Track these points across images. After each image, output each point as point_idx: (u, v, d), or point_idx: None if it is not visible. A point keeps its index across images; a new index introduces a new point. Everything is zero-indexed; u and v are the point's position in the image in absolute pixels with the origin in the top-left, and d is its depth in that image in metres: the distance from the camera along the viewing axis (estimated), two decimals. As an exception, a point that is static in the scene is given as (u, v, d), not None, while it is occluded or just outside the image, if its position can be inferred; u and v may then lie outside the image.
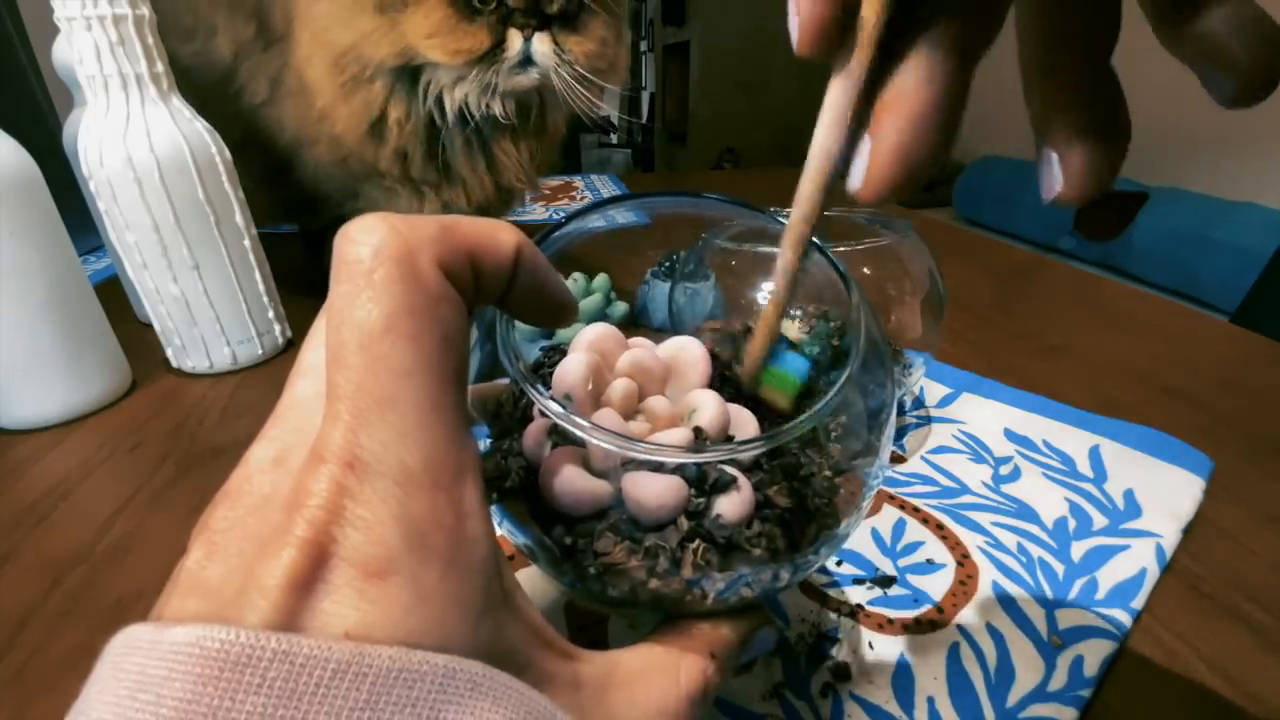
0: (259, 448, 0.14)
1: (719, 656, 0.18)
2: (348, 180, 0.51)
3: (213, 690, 0.10)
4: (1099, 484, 0.36)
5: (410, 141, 0.47)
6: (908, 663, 0.26)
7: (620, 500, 0.19)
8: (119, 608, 0.29)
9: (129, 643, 0.11)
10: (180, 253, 0.44)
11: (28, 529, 0.34)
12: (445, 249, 0.14)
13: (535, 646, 0.14)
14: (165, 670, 0.10)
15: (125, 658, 0.11)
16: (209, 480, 0.37)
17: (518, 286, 0.16)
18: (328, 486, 0.12)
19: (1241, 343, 0.54)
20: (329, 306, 0.13)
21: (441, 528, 0.12)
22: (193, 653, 0.10)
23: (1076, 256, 1.86)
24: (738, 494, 0.19)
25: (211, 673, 0.10)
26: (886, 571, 0.30)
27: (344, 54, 0.43)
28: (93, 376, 0.43)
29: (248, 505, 0.13)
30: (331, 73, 0.44)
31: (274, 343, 0.51)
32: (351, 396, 0.12)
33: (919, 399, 0.44)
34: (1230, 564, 0.31)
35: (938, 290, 0.39)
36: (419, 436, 0.12)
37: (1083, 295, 0.65)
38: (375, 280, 0.13)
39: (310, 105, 0.46)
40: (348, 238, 0.13)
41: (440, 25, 0.41)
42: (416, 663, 0.11)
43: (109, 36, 0.40)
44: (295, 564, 0.11)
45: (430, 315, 0.13)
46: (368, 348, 0.12)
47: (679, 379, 0.23)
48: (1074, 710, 0.24)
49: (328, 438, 0.12)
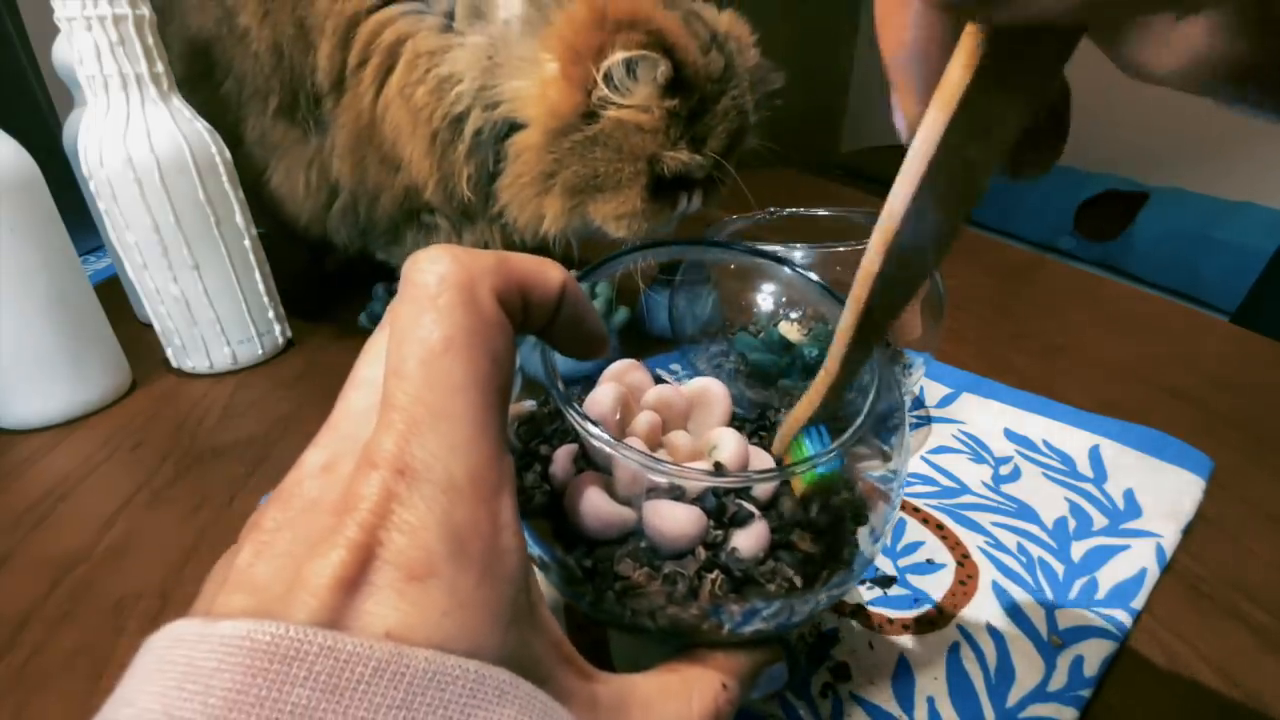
0: (311, 454, 0.14)
1: (732, 686, 0.18)
2: (387, 223, 0.51)
3: (261, 682, 0.10)
4: (1099, 484, 0.36)
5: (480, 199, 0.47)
6: (908, 663, 0.26)
7: (641, 527, 0.20)
8: (119, 608, 0.29)
9: (175, 636, 0.11)
10: (180, 253, 0.44)
11: (27, 529, 0.34)
12: (501, 280, 0.15)
13: (556, 661, 0.15)
14: (215, 662, 0.11)
15: (171, 650, 0.11)
16: (209, 480, 0.37)
17: (560, 319, 0.17)
18: (378, 491, 0.12)
19: (1241, 343, 0.54)
20: (392, 324, 0.14)
21: (480, 537, 0.13)
22: (243, 645, 0.11)
23: (1076, 256, 1.86)
24: (754, 529, 0.20)
25: (260, 665, 0.10)
26: (886, 571, 0.30)
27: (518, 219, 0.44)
28: (93, 376, 0.43)
29: (297, 508, 0.13)
30: (430, 151, 0.44)
31: (274, 342, 0.51)
32: (407, 407, 0.13)
33: (919, 399, 0.44)
34: (1230, 564, 0.31)
35: (938, 290, 0.39)
36: (466, 449, 0.13)
37: (1083, 295, 0.65)
38: (439, 304, 0.14)
39: (387, 166, 0.46)
40: (417, 265, 0.14)
41: (637, 209, 0.42)
42: (450, 666, 0.12)
43: (109, 36, 0.40)
44: (343, 564, 0.12)
45: (484, 338, 0.14)
46: (427, 363, 0.13)
47: (701, 416, 0.25)
48: (1074, 710, 0.24)
49: (380, 444, 0.13)
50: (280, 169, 0.50)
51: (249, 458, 0.39)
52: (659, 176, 0.41)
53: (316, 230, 0.53)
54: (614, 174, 0.41)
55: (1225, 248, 1.62)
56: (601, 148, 0.40)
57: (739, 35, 0.45)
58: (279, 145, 0.49)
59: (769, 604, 0.19)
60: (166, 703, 0.10)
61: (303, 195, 0.50)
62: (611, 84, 0.38)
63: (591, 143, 0.40)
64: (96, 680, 0.26)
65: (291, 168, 0.50)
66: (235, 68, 0.48)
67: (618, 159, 0.40)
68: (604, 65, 0.38)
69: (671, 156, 0.40)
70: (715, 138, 0.42)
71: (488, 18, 0.41)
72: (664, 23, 0.38)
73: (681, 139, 0.41)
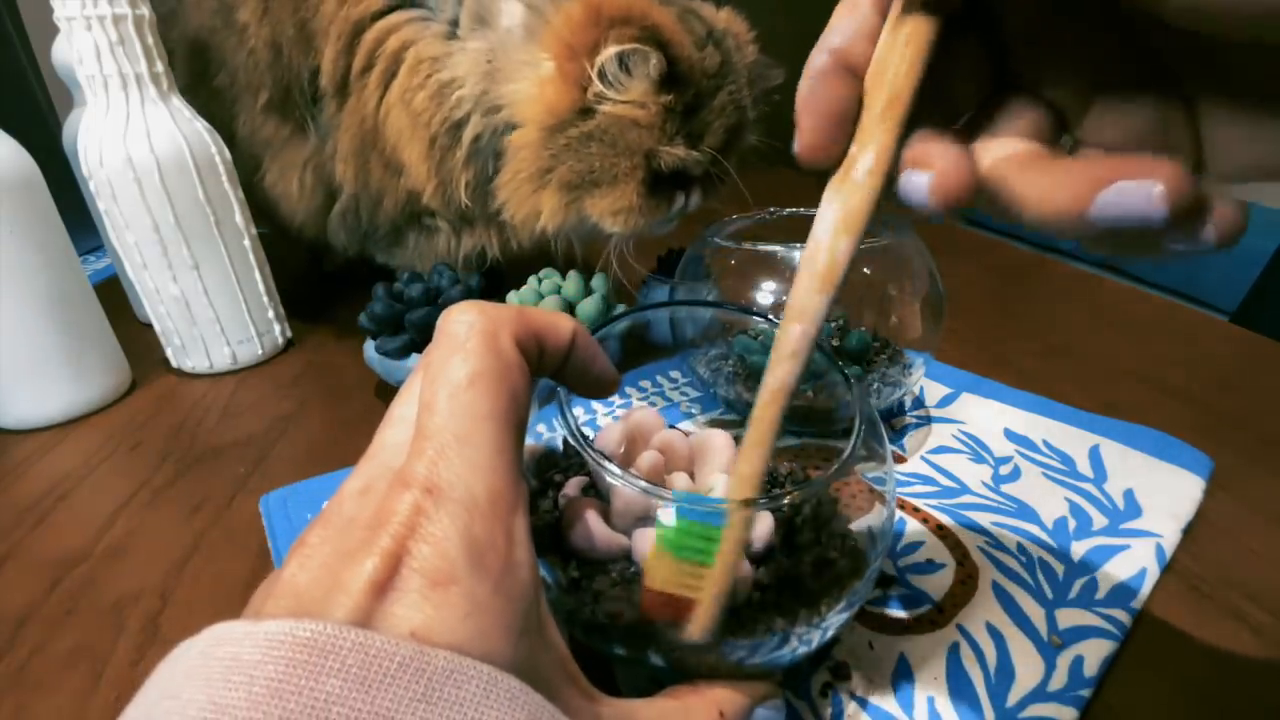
0: (350, 481, 0.16)
1: (727, 715, 0.19)
2: (388, 226, 0.51)
3: (300, 672, 0.12)
4: (1099, 484, 0.36)
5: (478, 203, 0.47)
6: (908, 663, 0.26)
7: (630, 554, 0.22)
8: (119, 608, 0.29)
9: (220, 636, 0.13)
10: (180, 253, 0.44)
11: (27, 529, 0.34)
12: (520, 328, 0.17)
13: (562, 679, 0.16)
14: (259, 655, 0.12)
15: (216, 648, 0.12)
16: (209, 480, 0.37)
17: (571, 363, 0.20)
18: (409, 507, 0.14)
19: (1241, 343, 0.54)
20: (425, 367, 0.17)
21: (496, 550, 0.14)
22: (285, 640, 0.12)
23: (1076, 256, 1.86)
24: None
25: (301, 657, 0.12)
26: (887, 571, 0.30)
27: (515, 216, 0.44)
28: (93, 376, 0.43)
29: (336, 525, 0.15)
30: (428, 156, 0.44)
31: (274, 342, 0.51)
32: (436, 435, 0.15)
33: (919, 399, 0.44)
34: (1230, 564, 0.31)
35: (938, 290, 0.39)
36: (487, 471, 0.15)
37: (1083, 295, 0.65)
38: (467, 348, 0.16)
39: (389, 170, 0.46)
40: (449, 318, 0.17)
41: (633, 205, 0.42)
42: (466, 667, 0.13)
43: (109, 36, 0.40)
44: (376, 570, 0.13)
45: (505, 377, 0.16)
46: (455, 396, 0.15)
47: (703, 462, 0.27)
48: (1074, 710, 0.24)
49: (412, 468, 0.15)
50: (274, 169, 0.50)
51: (249, 458, 0.39)
52: (656, 172, 0.41)
53: (312, 232, 0.53)
54: (610, 169, 0.41)
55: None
56: (598, 143, 0.40)
57: (737, 32, 0.45)
58: (270, 142, 0.49)
59: (751, 641, 0.21)
60: (211, 692, 0.11)
61: (297, 196, 0.50)
62: (606, 79, 0.38)
63: (588, 138, 0.40)
64: (96, 680, 0.26)
65: (286, 168, 0.50)
66: (229, 62, 0.48)
67: (614, 154, 0.40)
68: (598, 60, 0.38)
69: (668, 152, 0.40)
70: (712, 133, 0.42)
71: (491, 25, 0.41)
72: (658, 18, 0.38)
73: (678, 134, 0.40)
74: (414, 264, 0.53)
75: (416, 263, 0.53)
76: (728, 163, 0.43)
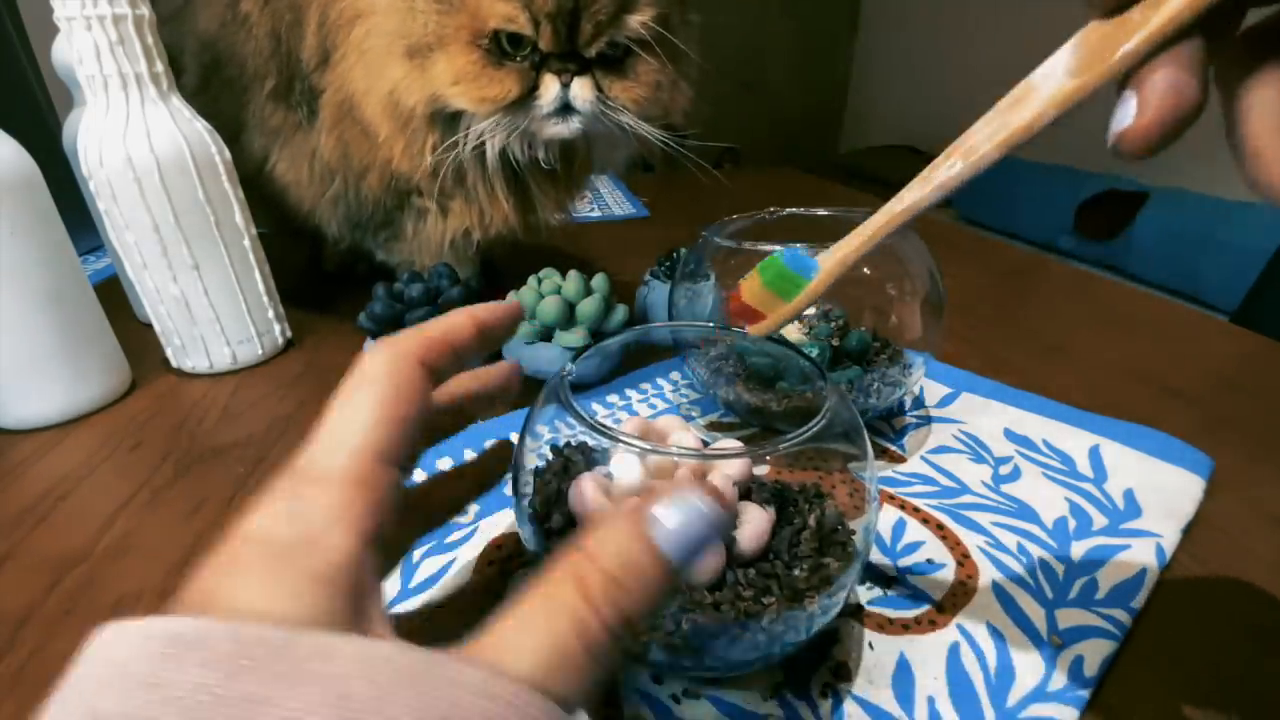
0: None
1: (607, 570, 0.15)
2: (381, 211, 0.51)
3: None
4: (1099, 484, 0.36)
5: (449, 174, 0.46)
6: (908, 663, 0.26)
7: None
8: (119, 608, 0.29)
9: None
10: (180, 253, 0.44)
11: (28, 529, 0.34)
12: (420, 344, 0.19)
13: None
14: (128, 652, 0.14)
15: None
16: (209, 480, 0.37)
17: (483, 336, 0.21)
18: (270, 489, 0.16)
19: (1241, 343, 0.54)
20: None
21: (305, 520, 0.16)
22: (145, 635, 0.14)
23: (1076, 256, 1.86)
24: (712, 549, 0.22)
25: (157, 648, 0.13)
26: (887, 571, 0.30)
27: (387, 97, 0.42)
28: (93, 376, 0.43)
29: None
30: (386, 112, 0.43)
31: (274, 342, 0.51)
32: (318, 428, 0.17)
33: (919, 399, 0.44)
34: (1230, 564, 0.31)
35: (938, 290, 0.39)
36: (341, 453, 0.17)
37: (1083, 295, 0.65)
38: (363, 367, 0.18)
39: (368, 139, 0.46)
40: (363, 357, 0.19)
41: (466, 71, 0.39)
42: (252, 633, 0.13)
43: (109, 36, 0.39)
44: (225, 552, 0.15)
45: (392, 382, 0.18)
46: (338, 400, 0.18)
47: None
48: (1074, 710, 0.24)
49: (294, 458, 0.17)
50: (285, 157, 0.50)
51: (249, 458, 0.39)
52: (496, 38, 0.39)
53: (316, 220, 0.53)
54: (439, 29, 0.39)
55: (1225, 248, 1.62)
56: (426, 1, 0.39)
57: None
58: (278, 131, 0.50)
59: (722, 625, 0.22)
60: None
61: (306, 183, 0.50)
62: None
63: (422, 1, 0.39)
64: (96, 680, 0.26)
65: (295, 156, 0.50)
66: (237, 53, 0.48)
67: (442, 10, 0.39)
68: None
69: (489, 3, 0.38)
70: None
71: None
72: None
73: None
74: (411, 258, 0.53)
75: (413, 257, 0.53)
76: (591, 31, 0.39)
